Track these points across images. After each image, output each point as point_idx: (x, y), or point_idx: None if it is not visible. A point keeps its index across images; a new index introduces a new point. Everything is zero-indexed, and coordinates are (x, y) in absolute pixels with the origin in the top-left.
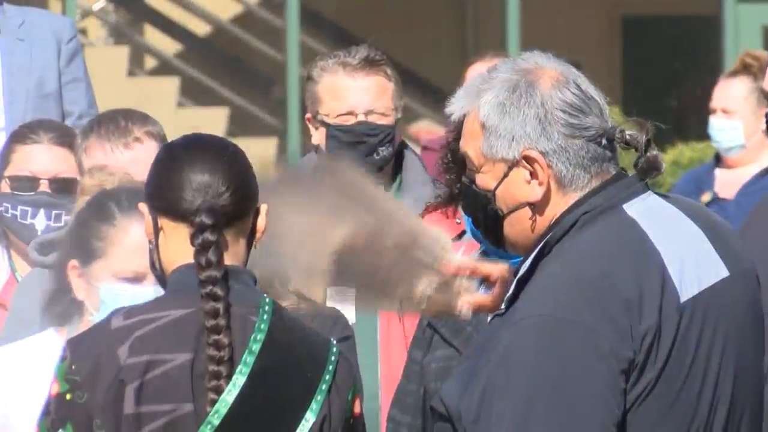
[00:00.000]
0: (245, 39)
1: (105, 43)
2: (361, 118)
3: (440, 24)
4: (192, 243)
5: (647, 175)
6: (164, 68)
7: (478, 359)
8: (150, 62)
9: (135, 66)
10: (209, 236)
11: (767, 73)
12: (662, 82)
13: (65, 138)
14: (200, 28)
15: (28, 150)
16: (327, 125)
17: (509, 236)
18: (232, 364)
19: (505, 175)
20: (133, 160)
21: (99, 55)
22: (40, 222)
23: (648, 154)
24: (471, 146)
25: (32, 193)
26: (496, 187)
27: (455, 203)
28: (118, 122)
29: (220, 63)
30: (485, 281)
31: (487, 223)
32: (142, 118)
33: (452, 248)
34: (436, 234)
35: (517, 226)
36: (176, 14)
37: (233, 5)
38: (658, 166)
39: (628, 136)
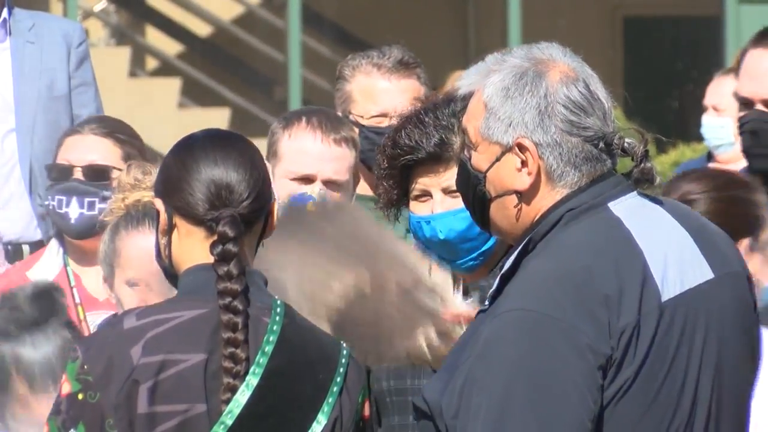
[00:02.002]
0: (246, 40)
1: (106, 44)
2: (395, 121)
3: (442, 25)
4: (211, 252)
5: (639, 186)
6: (165, 69)
7: (460, 354)
8: (151, 63)
9: (136, 67)
10: (231, 248)
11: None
12: (663, 82)
13: (107, 129)
14: (201, 29)
15: (70, 140)
16: (361, 126)
17: (494, 220)
18: (248, 365)
19: (498, 159)
20: (335, 158)
21: (100, 56)
22: (74, 210)
23: (643, 165)
24: (471, 123)
25: (65, 181)
26: (487, 169)
27: (395, 208)
28: (330, 115)
29: (222, 64)
30: None
31: (476, 203)
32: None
33: (452, 291)
34: (436, 277)
35: (503, 212)
36: (177, 15)
37: (234, 6)
38: (651, 178)
39: (626, 144)
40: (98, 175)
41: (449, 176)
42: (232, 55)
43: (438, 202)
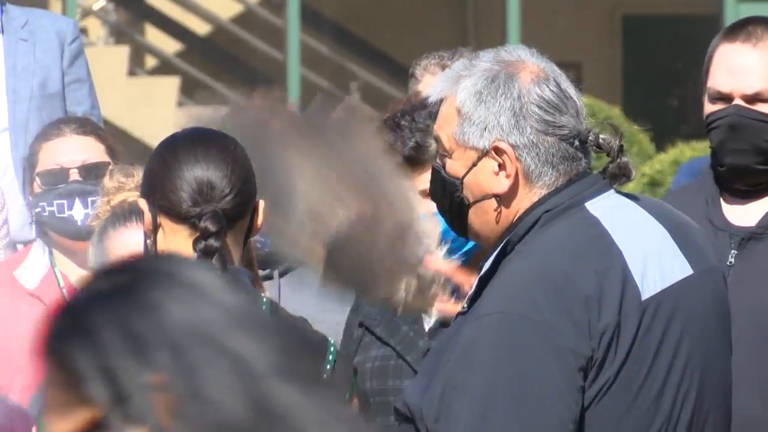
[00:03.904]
0: (245, 38)
1: (105, 43)
2: None
3: (441, 24)
4: (194, 248)
5: (616, 181)
6: (165, 68)
7: (439, 357)
8: (150, 62)
9: (135, 65)
10: (213, 243)
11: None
12: (663, 81)
13: (87, 127)
14: (201, 28)
15: (53, 145)
16: None
17: (473, 225)
18: None
19: (474, 164)
20: None
21: (99, 54)
22: (78, 212)
23: (619, 160)
24: (444, 130)
25: (64, 184)
26: (464, 175)
27: None
28: None
29: (221, 62)
30: (458, 289)
31: (453, 210)
32: None
33: (437, 245)
34: (427, 227)
35: (482, 217)
36: (176, 14)
37: (233, 5)
38: (627, 173)
39: (600, 140)
40: (95, 172)
41: (426, 179)
42: (231, 54)
43: None
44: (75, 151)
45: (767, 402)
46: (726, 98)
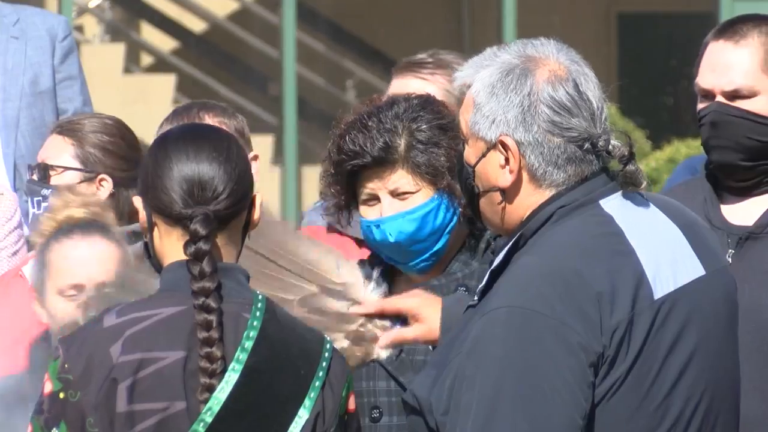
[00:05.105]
0: (242, 36)
1: (101, 41)
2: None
3: (436, 21)
4: (185, 251)
5: (625, 188)
6: (160, 65)
7: (449, 350)
8: (146, 59)
9: (131, 63)
10: (203, 246)
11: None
12: (658, 79)
13: (63, 126)
14: (196, 26)
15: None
16: None
17: (485, 213)
18: (224, 363)
19: (484, 155)
20: None
21: (95, 52)
22: (31, 210)
23: (628, 168)
24: (463, 116)
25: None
26: (475, 164)
27: (345, 212)
28: (191, 110)
29: (217, 60)
30: (397, 316)
31: (467, 195)
32: (220, 110)
33: (361, 288)
34: (346, 274)
35: (490, 207)
36: (172, 11)
37: (230, 2)
38: (636, 181)
39: (610, 147)
40: (43, 173)
41: (396, 179)
42: (226, 52)
43: (386, 205)
44: (44, 149)
45: (766, 402)
46: (709, 95)
